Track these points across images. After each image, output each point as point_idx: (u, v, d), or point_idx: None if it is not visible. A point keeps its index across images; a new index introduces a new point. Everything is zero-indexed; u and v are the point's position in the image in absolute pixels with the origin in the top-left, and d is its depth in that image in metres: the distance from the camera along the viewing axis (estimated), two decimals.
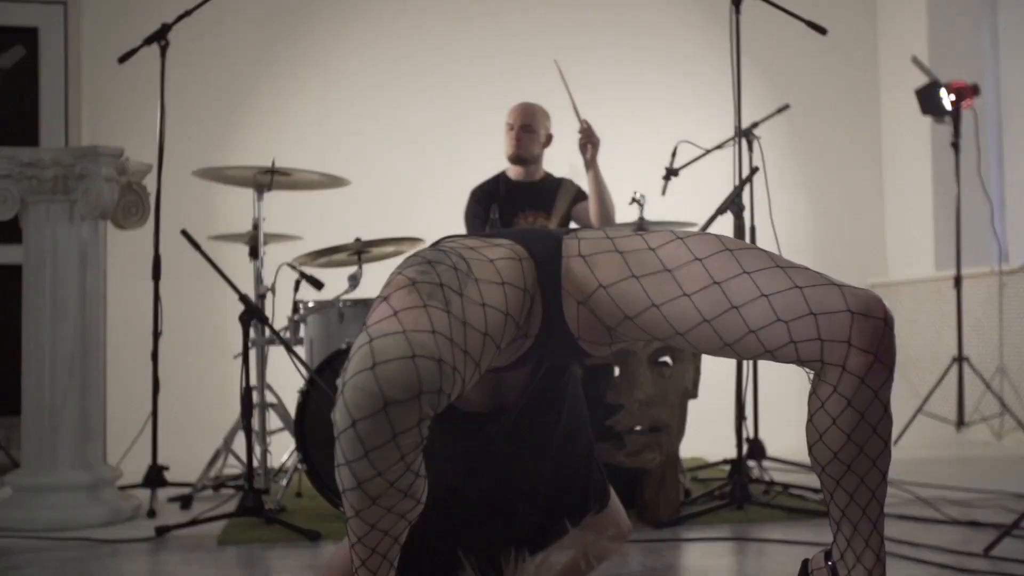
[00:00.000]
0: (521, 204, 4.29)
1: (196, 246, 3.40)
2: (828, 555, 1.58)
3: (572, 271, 1.54)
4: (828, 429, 1.45)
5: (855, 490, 1.47)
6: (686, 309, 1.46)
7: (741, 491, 3.39)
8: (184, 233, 3.39)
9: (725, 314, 1.44)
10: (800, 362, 1.45)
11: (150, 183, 3.78)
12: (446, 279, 1.45)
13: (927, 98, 5.54)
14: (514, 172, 4.36)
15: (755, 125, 4.02)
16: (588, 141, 4.15)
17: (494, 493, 1.73)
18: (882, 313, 1.43)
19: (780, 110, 4.19)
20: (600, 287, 1.51)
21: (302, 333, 3.93)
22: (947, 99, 5.46)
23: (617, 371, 3.50)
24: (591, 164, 4.16)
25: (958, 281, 5.44)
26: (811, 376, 1.49)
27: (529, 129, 4.33)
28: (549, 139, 4.41)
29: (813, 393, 1.47)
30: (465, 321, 1.42)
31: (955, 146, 5.48)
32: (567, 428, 1.81)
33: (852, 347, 1.41)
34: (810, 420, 1.48)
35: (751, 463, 4.04)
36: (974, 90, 5.46)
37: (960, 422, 5.39)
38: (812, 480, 3.67)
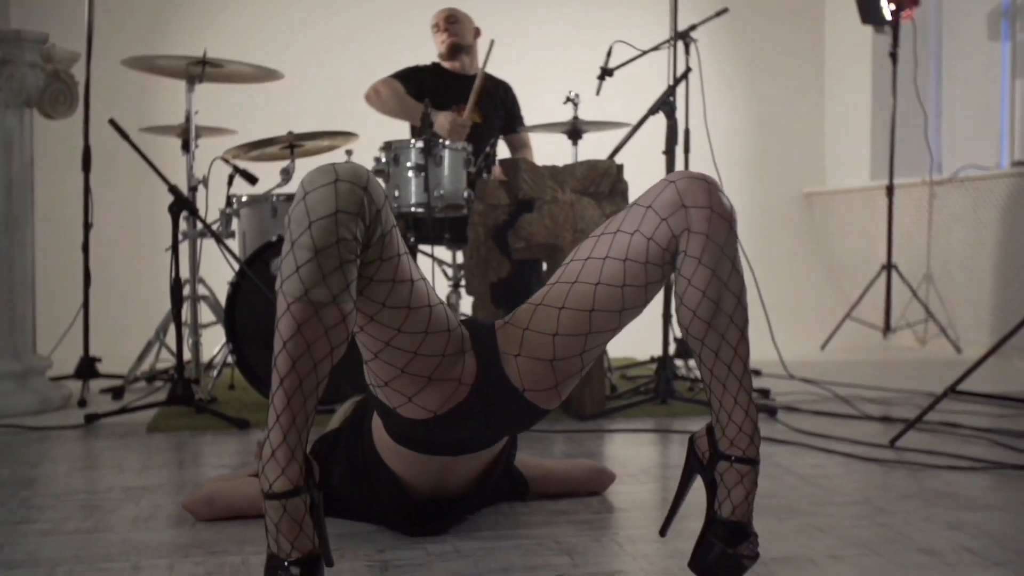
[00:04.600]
0: (454, 96, 4.30)
1: (124, 136, 3.35)
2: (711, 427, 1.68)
3: (505, 333, 1.73)
4: (686, 290, 1.59)
5: (718, 348, 1.59)
6: (580, 290, 1.65)
7: (665, 387, 3.47)
8: (112, 123, 3.34)
9: (603, 268, 1.63)
10: (669, 252, 1.59)
11: (79, 72, 3.70)
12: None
13: (867, 6, 5.56)
14: (449, 65, 4.46)
15: (692, 28, 4.00)
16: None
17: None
18: (702, 176, 1.60)
19: (718, 14, 4.15)
20: (525, 329, 1.70)
21: (234, 226, 3.91)
22: (887, 8, 5.48)
23: (545, 266, 3.54)
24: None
25: (890, 190, 5.53)
26: None
27: (454, 19, 4.50)
28: (478, 32, 4.57)
29: (676, 271, 1.62)
30: (407, 252, 1.60)
31: (893, 56, 5.52)
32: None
33: (687, 208, 1.57)
34: (674, 291, 1.63)
35: (678, 362, 4.12)
36: (914, 1, 5.49)
37: (887, 328, 5.54)
38: None
